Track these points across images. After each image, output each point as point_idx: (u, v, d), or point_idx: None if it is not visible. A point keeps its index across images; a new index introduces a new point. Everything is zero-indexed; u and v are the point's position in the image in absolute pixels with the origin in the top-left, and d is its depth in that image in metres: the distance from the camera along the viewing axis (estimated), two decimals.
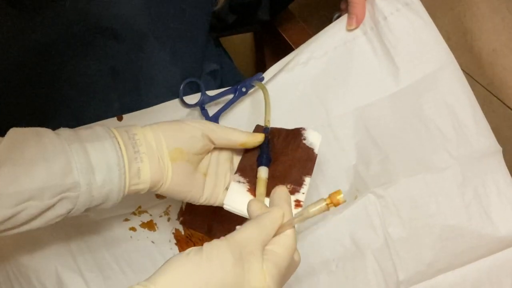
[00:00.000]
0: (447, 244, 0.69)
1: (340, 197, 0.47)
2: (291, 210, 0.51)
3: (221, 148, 0.62)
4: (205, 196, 0.60)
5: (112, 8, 0.64)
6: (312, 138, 0.62)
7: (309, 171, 0.60)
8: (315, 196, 0.70)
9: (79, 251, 0.68)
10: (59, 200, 0.49)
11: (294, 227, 0.49)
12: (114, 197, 0.52)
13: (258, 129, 0.64)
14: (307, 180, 0.59)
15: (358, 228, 0.69)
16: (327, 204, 0.47)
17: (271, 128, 0.64)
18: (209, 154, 0.61)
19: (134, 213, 0.70)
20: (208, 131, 0.58)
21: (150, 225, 0.71)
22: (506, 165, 0.70)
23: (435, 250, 0.69)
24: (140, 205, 0.70)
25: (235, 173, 0.61)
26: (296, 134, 0.62)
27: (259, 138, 0.61)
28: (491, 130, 0.69)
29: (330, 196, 0.47)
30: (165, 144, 0.55)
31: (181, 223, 0.71)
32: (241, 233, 0.45)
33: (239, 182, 0.60)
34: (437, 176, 0.69)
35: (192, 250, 0.43)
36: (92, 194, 0.51)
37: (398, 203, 0.69)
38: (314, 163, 0.60)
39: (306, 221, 0.68)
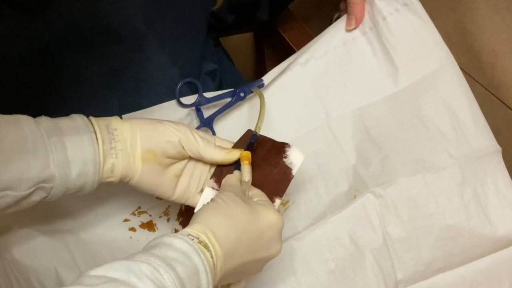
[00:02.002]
0: (446, 243, 0.70)
1: (241, 153, 0.58)
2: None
3: None
4: (175, 195, 0.60)
5: (111, 9, 0.64)
6: (294, 157, 0.60)
7: (280, 193, 0.59)
8: (315, 199, 0.70)
9: (79, 251, 0.68)
10: (35, 190, 0.50)
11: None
12: (88, 188, 0.54)
13: (248, 133, 0.63)
14: (277, 201, 0.58)
15: (357, 227, 0.70)
16: (246, 165, 0.58)
17: (260, 135, 0.62)
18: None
19: (133, 214, 0.70)
20: (184, 141, 0.57)
21: (149, 226, 0.71)
22: (506, 165, 0.71)
23: (433, 249, 0.70)
24: (140, 205, 0.70)
25: (211, 178, 0.60)
26: (280, 149, 0.61)
27: (235, 156, 0.59)
28: (490, 130, 0.69)
29: (241, 158, 0.58)
30: (139, 144, 0.56)
31: (181, 223, 0.72)
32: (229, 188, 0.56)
33: (212, 188, 0.59)
34: (437, 176, 0.69)
35: (208, 202, 0.52)
36: (67, 186, 0.52)
37: (397, 203, 0.70)
38: (287, 185, 0.59)
39: (305, 220, 0.69)
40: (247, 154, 0.59)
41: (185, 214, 0.71)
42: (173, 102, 0.71)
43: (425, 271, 0.70)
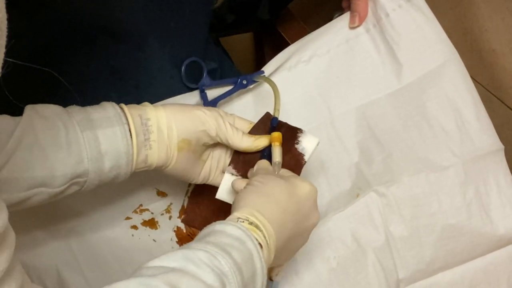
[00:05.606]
0: (448, 242, 0.69)
1: (272, 134, 0.58)
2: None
3: None
4: (201, 178, 0.62)
5: (112, 8, 0.64)
6: (306, 143, 0.60)
7: None
8: (318, 197, 0.69)
9: (80, 250, 0.68)
10: (70, 185, 0.51)
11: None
12: (121, 178, 0.55)
13: (266, 116, 0.63)
14: None
15: (360, 226, 0.69)
16: (277, 146, 0.57)
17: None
18: None
19: (135, 212, 0.70)
20: (217, 129, 0.58)
21: (151, 224, 0.71)
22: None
23: (435, 248, 0.69)
24: (142, 203, 0.70)
25: (229, 164, 0.61)
26: (293, 134, 0.61)
27: (263, 143, 0.59)
28: (493, 128, 0.69)
29: (272, 139, 0.58)
30: (176, 134, 0.56)
31: (183, 221, 0.71)
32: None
33: (232, 174, 0.60)
34: (440, 174, 0.69)
35: (245, 186, 0.53)
36: (100, 179, 0.53)
37: (400, 201, 0.69)
38: (300, 172, 0.60)
39: None
40: (279, 135, 0.58)
41: (187, 212, 0.71)
42: (174, 99, 0.71)
43: (426, 270, 0.70)
